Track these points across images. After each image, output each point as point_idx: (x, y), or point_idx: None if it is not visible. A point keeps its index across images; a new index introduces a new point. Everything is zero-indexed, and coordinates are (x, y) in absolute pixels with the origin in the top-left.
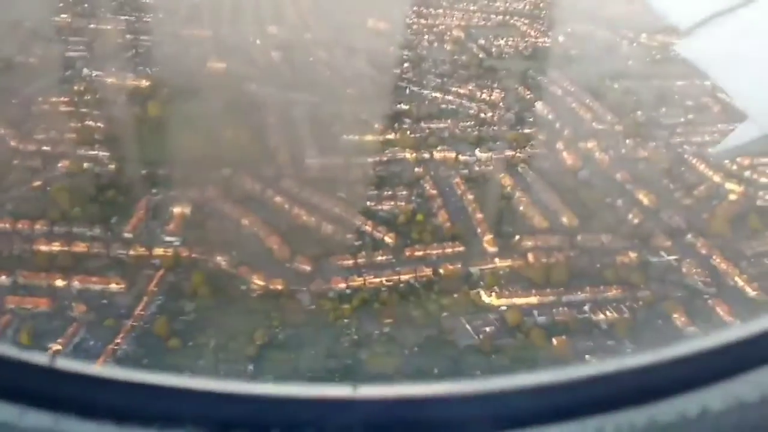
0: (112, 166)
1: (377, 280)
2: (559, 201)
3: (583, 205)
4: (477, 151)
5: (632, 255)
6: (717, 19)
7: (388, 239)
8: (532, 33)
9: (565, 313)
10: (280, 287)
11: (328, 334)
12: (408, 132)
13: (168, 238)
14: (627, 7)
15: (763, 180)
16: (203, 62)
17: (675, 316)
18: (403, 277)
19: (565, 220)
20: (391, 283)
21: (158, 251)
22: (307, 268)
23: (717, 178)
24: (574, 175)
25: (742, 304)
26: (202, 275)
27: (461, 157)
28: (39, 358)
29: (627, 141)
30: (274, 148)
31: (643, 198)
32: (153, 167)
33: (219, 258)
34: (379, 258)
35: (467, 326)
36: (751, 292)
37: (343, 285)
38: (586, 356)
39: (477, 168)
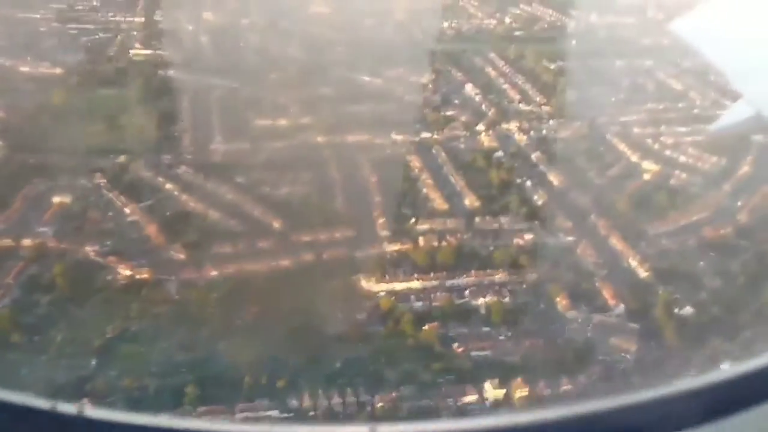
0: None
1: (254, 267)
2: (465, 183)
3: (491, 187)
4: (393, 134)
5: (527, 237)
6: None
7: (276, 225)
8: (480, 15)
9: (444, 298)
10: (146, 276)
11: (188, 325)
12: (325, 116)
13: (41, 229)
14: None
15: (682, 159)
16: (127, 49)
17: (558, 299)
18: (282, 264)
19: (467, 202)
20: (267, 269)
21: (26, 242)
22: (182, 256)
23: (635, 158)
24: (488, 157)
25: (629, 286)
26: (63, 266)
27: (376, 141)
28: None
29: (550, 122)
30: (179, 133)
31: (554, 179)
32: (43, 156)
33: (88, 248)
34: (262, 244)
35: (339, 314)
36: (642, 273)
37: (215, 273)
38: (455, 344)
39: (388, 151)
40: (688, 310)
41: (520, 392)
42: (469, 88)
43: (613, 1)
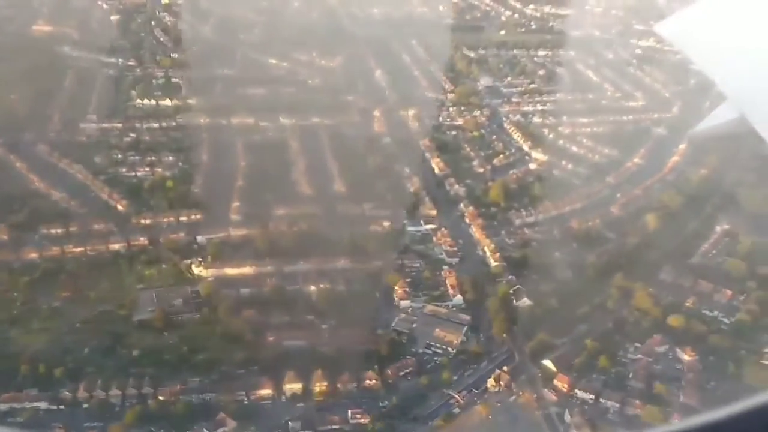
0: None
1: (79, 250)
2: (339, 168)
3: (366, 173)
4: (281, 118)
5: (385, 224)
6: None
7: (120, 207)
8: (414, 2)
9: (273, 285)
10: None
11: None
12: (216, 97)
13: None
14: None
15: (574, 149)
16: (29, 25)
17: (396, 288)
18: (112, 247)
19: (336, 187)
20: (94, 253)
21: None
22: (5, 237)
23: (526, 147)
24: (373, 142)
25: (475, 276)
26: None
27: (261, 124)
28: None
29: (451, 109)
30: (51, 111)
31: (435, 166)
32: None
33: None
34: (98, 227)
35: (155, 299)
36: (492, 263)
37: (34, 255)
38: (268, 333)
39: (271, 134)
40: (525, 302)
41: (320, 386)
42: (378, 74)
43: None
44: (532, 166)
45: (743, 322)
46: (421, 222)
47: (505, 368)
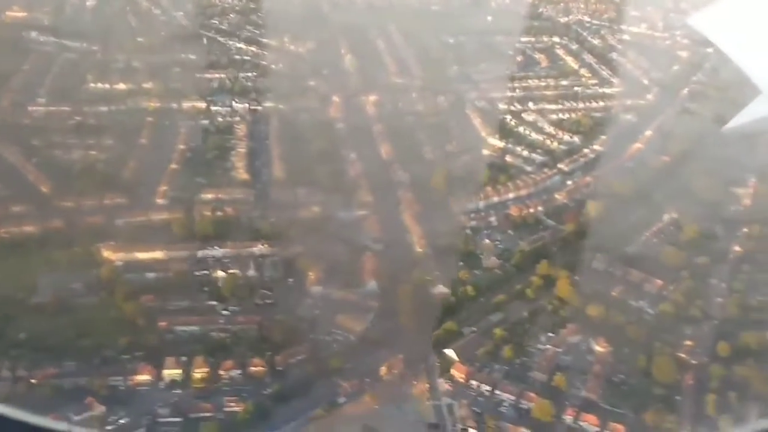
0: None
1: None
2: (279, 153)
3: (307, 158)
4: (234, 102)
5: (315, 209)
6: None
7: (44, 189)
8: None
9: (181, 270)
10: None
11: None
12: (172, 82)
13: None
14: None
15: (533, 136)
16: (2, 11)
17: (310, 274)
18: (26, 230)
19: (274, 172)
20: (7, 235)
21: None
22: None
23: (483, 134)
24: (323, 128)
25: (396, 263)
26: None
27: (213, 108)
28: None
29: (413, 95)
30: (1, 94)
31: (384, 151)
32: None
33: None
34: (16, 209)
35: (54, 283)
36: (417, 250)
37: None
38: (161, 318)
39: (219, 119)
40: (440, 289)
41: (200, 372)
42: (348, 60)
43: None
44: (486, 152)
45: (666, 313)
46: (354, 208)
47: (400, 356)
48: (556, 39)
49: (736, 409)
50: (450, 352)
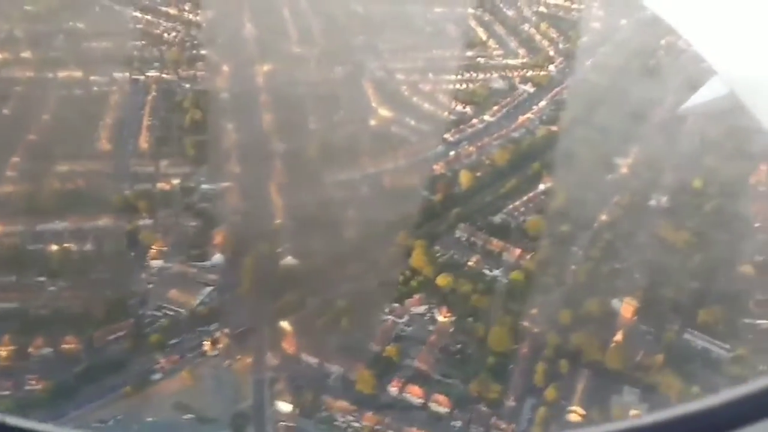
0: None
1: None
2: (151, 124)
3: (179, 129)
4: (114, 72)
5: (175, 182)
6: None
7: None
8: None
9: (12, 244)
10: None
11: None
12: (53, 50)
13: None
14: None
15: (425, 107)
16: None
17: (153, 247)
18: None
19: (139, 143)
20: None
21: None
22: None
23: (374, 104)
24: (202, 98)
25: (250, 235)
26: None
27: (91, 78)
28: None
29: (310, 64)
30: None
31: (263, 122)
32: None
33: None
34: None
35: None
36: (275, 221)
37: None
38: None
39: (95, 89)
40: (289, 261)
41: (5, 350)
42: (248, 29)
43: None
44: (372, 122)
45: (517, 282)
46: (218, 180)
47: (226, 330)
48: (470, 10)
49: (565, 378)
50: (285, 325)
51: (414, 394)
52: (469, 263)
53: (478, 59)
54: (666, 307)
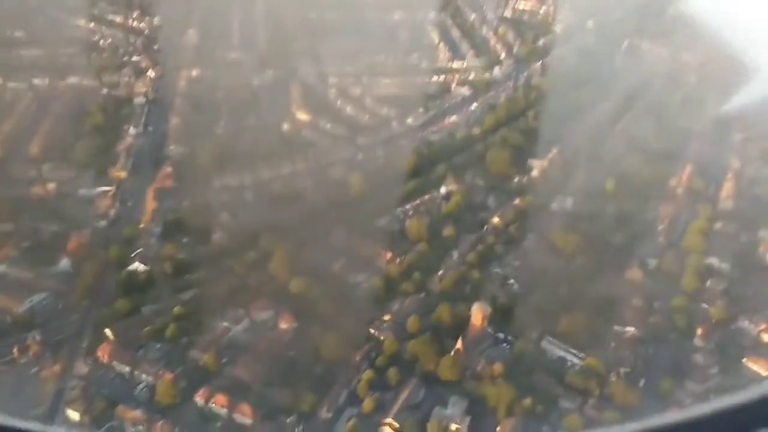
0: None
1: None
2: (48, 130)
3: (80, 133)
4: (34, 79)
5: (51, 186)
6: None
7: None
8: None
9: None
10: None
11: None
12: None
13: None
14: None
15: (348, 111)
16: None
17: (2, 251)
18: None
19: (32, 148)
20: None
21: None
22: None
23: (294, 108)
24: (120, 103)
25: (108, 239)
26: None
27: (10, 85)
28: None
29: (240, 69)
30: None
31: (172, 127)
32: None
33: None
34: None
35: None
36: (140, 226)
37: None
38: None
39: (8, 95)
40: (138, 267)
41: None
42: (189, 35)
43: None
44: (285, 127)
45: (376, 288)
46: (101, 184)
47: (38, 338)
48: (431, 15)
49: (393, 388)
50: (107, 331)
51: (219, 403)
52: (332, 268)
53: (422, 63)
54: (529, 314)
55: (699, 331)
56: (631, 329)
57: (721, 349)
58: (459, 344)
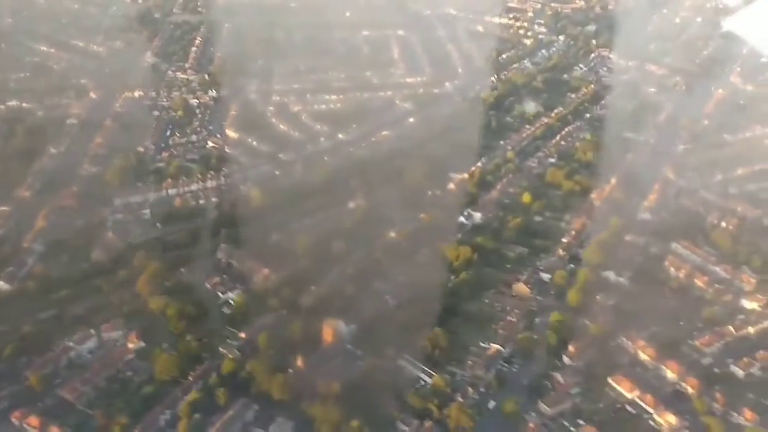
0: None
1: None
2: None
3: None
4: None
5: None
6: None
7: None
8: None
9: None
10: None
11: None
12: None
13: None
14: None
15: (281, 128)
16: None
17: None
18: None
19: None
20: None
21: None
22: None
23: (226, 125)
24: (52, 124)
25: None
26: None
27: None
28: None
29: (185, 89)
30: None
31: (92, 147)
32: None
33: None
34: None
35: None
36: (23, 245)
37: None
38: None
39: None
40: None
41: None
42: (146, 58)
43: None
44: (209, 144)
45: (239, 305)
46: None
47: None
48: (400, 32)
49: (221, 408)
50: None
51: (32, 425)
52: (207, 286)
53: (374, 79)
54: (393, 331)
55: (571, 349)
56: (495, 346)
57: (588, 367)
58: (300, 362)
